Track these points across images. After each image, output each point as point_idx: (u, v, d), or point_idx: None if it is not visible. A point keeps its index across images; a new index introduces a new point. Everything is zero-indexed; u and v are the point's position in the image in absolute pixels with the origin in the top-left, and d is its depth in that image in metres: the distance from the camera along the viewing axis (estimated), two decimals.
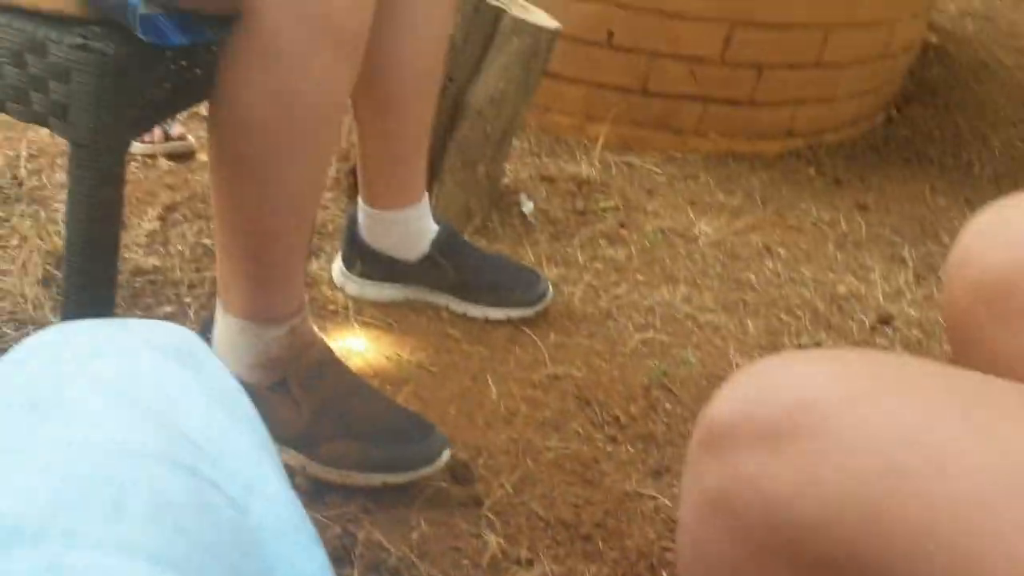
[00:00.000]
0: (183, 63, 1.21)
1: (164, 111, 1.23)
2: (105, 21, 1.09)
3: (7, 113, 1.17)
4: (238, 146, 1.18)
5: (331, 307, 1.74)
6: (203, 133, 2.18)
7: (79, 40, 1.07)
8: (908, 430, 0.50)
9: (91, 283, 1.19)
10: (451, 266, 1.75)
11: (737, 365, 1.79)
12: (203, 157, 2.11)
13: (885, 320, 2.04)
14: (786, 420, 0.53)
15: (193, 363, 0.51)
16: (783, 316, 1.99)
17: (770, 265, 2.18)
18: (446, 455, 1.38)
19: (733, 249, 2.22)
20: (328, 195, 2.03)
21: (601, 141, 2.54)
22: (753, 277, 2.12)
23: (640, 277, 2.03)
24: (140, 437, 0.43)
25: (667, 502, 1.45)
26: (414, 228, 1.73)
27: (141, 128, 1.20)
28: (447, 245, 1.75)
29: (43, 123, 1.14)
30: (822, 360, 0.57)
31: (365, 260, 1.75)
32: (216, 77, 1.16)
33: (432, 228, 1.74)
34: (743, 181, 2.61)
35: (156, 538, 0.38)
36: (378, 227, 1.72)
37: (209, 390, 0.50)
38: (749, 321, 1.94)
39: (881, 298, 2.12)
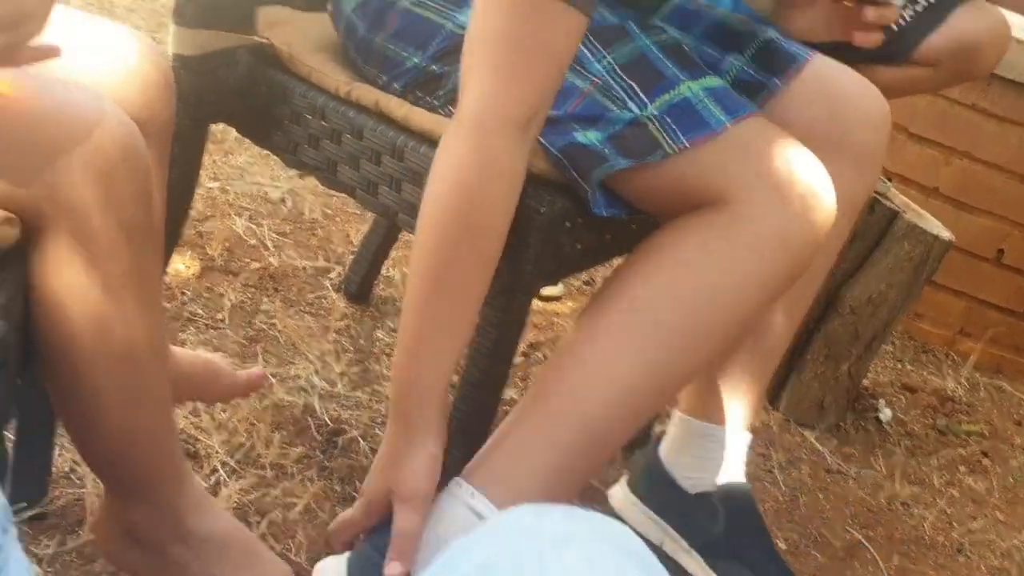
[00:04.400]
0: (599, 227, 1.26)
1: (572, 267, 1.28)
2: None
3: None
4: None
5: None
6: (572, 280, 2.27)
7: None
8: None
9: (478, 413, 1.24)
10: (725, 522, 1.33)
11: None
12: (570, 303, 2.19)
13: None
14: None
15: (647, 569, 0.52)
16: None
17: None
18: None
19: None
20: None
21: (973, 359, 2.41)
22: None
23: (1000, 515, 1.89)
24: None
25: None
26: (716, 453, 1.35)
27: (550, 280, 1.26)
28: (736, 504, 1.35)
29: None
30: None
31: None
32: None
33: (738, 475, 1.34)
34: None
35: None
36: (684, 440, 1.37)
37: None
38: None
39: None
